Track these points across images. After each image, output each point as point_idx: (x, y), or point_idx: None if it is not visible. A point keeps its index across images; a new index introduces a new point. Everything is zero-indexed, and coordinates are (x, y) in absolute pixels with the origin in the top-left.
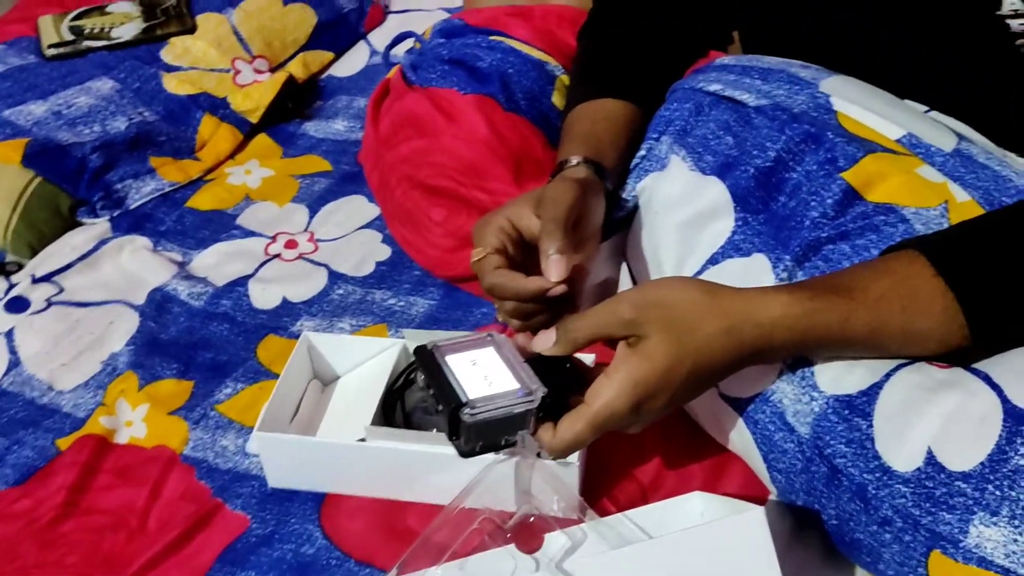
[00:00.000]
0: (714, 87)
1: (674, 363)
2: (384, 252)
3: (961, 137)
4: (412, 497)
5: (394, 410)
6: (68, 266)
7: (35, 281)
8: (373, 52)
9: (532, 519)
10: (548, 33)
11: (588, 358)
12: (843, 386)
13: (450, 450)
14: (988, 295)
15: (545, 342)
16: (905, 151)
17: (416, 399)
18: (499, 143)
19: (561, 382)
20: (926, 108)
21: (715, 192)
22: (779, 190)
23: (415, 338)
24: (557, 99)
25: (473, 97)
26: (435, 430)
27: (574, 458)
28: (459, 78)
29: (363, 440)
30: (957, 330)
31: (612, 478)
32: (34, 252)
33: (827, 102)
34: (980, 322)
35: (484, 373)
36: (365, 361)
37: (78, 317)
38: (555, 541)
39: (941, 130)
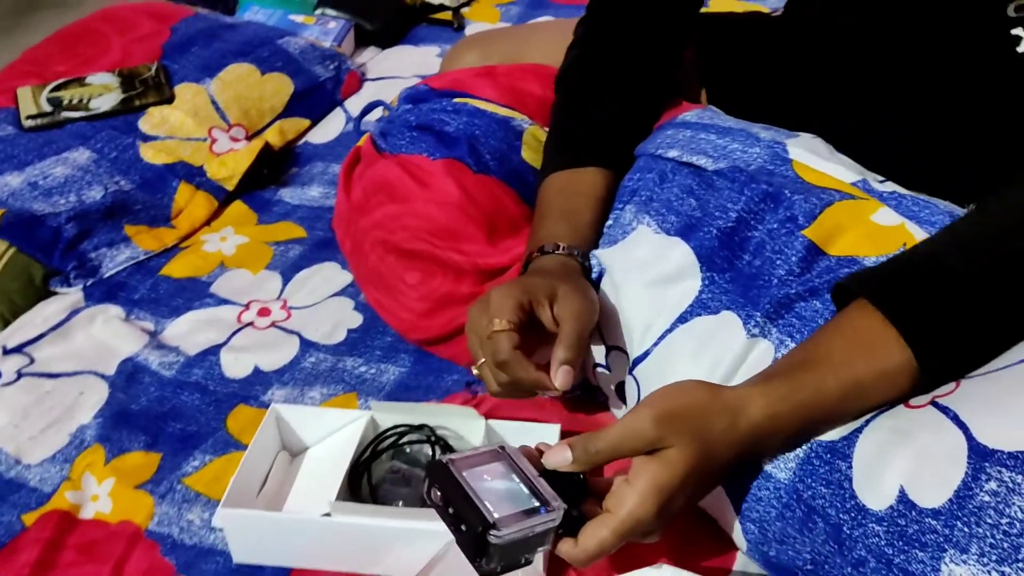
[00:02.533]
0: (672, 153)
1: (692, 467)
2: (356, 319)
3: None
4: (378, 571)
5: (360, 483)
6: (40, 336)
7: (6, 352)
8: (349, 119)
9: None
10: (513, 89)
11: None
12: (828, 435)
13: (415, 524)
14: (938, 335)
15: (561, 460)
16: (862, 194)
17: (383, 471)
18: (471, 205)
19: (571, 492)
20: (882, 179)
21: (680, 253)
22: (743, 249)
23: (382, 410)
24: (527, 154)
25: (443, 161)
26: (400, 503)
27: None
28: (428, 143)
29: (328, 515)
30: (914, 369)
31: None
32: (6, 323)
33: (783, 151)
34: (931, 361)
35: (502, 489)
36: (333, 432)
37: (48, 388)
38: None
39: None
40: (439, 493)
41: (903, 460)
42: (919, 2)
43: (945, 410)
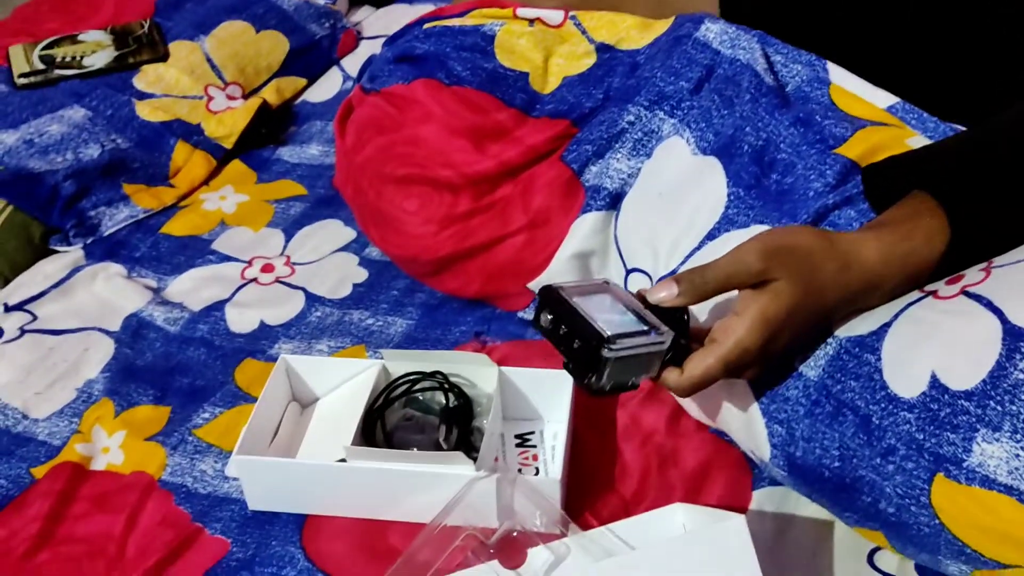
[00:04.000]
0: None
1: (799, 302)
2: (361, 275)
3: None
4: (394, 516)
5: (374, 430)
6: (41, 294)
7: (8, 310)
8: (346, 78)
9: (515, 534)
10: None
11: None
12: (856, 330)
13: (431, 468)
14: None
15: (667, 294)
16: (896, 121)
17: (396, 419)
18: (451, 117)
19: (677, 329)
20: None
21: (709, 169)
22: (772, 169)
23: (394, 358)
24: (502, 55)
25: (416, 83)
26: (415, 449)
27: (556, 473)
28: (403, 71)
29: (343, 460)
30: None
31: (594, 493)
32: (6, 281)
33: (824, 70)
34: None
35: (611, 314)
36: (344, 382)
37: (52, 345)
38: (538, 556)
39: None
40: (550, 317)
41: (934, 347)
42: None
43: (978, 298)
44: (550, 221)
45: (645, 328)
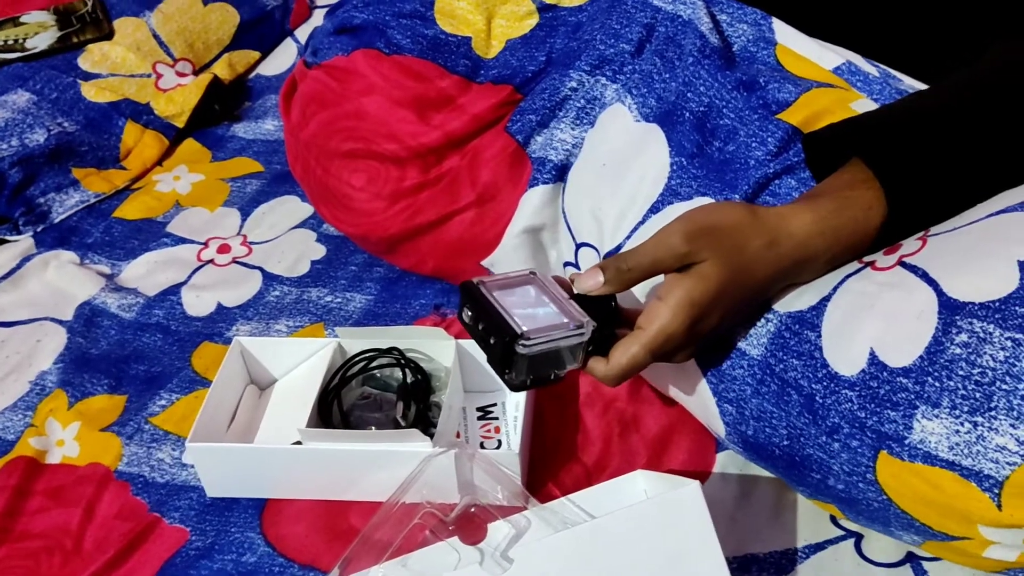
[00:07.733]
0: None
1: (726, 282)
2: (319, 251)
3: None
4: (354, 496)
5: (331, 410)
6: None
7: None
8: (301, 49)
9: (474, 510)
10: None
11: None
12: (795, 305)
13: (387, 446)
14: (904, 170)
15: (593, 283)
16: (843, 83)
17: (354, 397)
18: (393, 87)
19: (603, 317)
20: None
21: (653, 138)
22: (713, 136)
23: (349, 336)
24: (442, 20)
25: (356, 54)
26: (373, 428)
27: (516, 446)
28: (342, 43)
29: (298, 443)
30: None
31: (557, 463)
32: None
33: (770, 30)
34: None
35: (532, 308)
36: (301, 363)
37: (3, 338)
38: (499, 531)
39: (870, 65)
40: (470, 313)
41: (872, 323)
42: None
43: (913, 269)
44: (498, 196)
45: (564, 321)
